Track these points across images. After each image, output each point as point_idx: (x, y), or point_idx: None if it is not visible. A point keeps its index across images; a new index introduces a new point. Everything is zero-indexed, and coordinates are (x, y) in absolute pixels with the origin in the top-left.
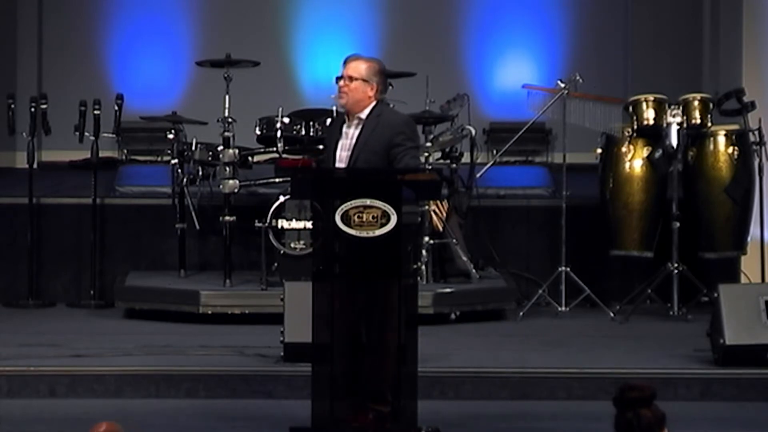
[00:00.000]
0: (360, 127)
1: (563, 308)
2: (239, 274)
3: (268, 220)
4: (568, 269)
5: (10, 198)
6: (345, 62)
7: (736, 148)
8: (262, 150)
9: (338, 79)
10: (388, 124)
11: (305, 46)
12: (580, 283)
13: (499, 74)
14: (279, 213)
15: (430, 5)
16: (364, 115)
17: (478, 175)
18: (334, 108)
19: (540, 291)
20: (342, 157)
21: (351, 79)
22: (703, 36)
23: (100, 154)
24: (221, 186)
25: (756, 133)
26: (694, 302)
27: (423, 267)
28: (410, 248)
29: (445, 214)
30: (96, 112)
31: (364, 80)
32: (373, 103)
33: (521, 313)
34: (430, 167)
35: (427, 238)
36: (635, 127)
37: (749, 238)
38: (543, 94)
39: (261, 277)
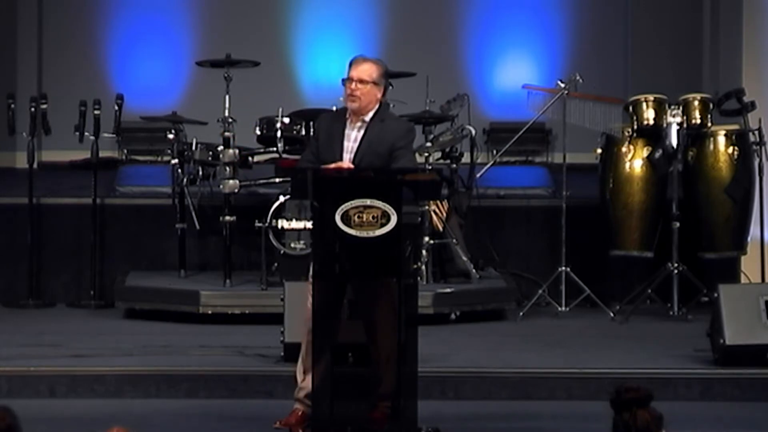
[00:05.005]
0: (363, 129)
1: (563, 308)
2: (239, 274)
3: (268, 220)
4: (568, 269)
5: (10, 198)
6: (352, 64)
7: (736, 148)
8: (262, 150)
9: (345, 81)
10: (392, 128)
11: (305, 46)
12: (580, 283)
13: (499, 74)
14: (279, 213)
15: (430, 5)
16: (367, 117)
17: (478, 175)
18: (335, 108)
19: (540, 291)
20: (344, 159)
21: (363, 82)
22: (703, 36)
23: (100, 154)
24: (221, 186)
25: (756, 133)
26: (694, 302)
27: (423, 267)
28: (410, 248)
29: (445, 214)
30: (96, 112)
31: (374, 83)
32: (377, 106)
33: (521, 313)
34: (430, 167)
35: (427, 238)
36: (635, 127)
37: (749, 238)
38: (543, 94)
39: (261, 277)
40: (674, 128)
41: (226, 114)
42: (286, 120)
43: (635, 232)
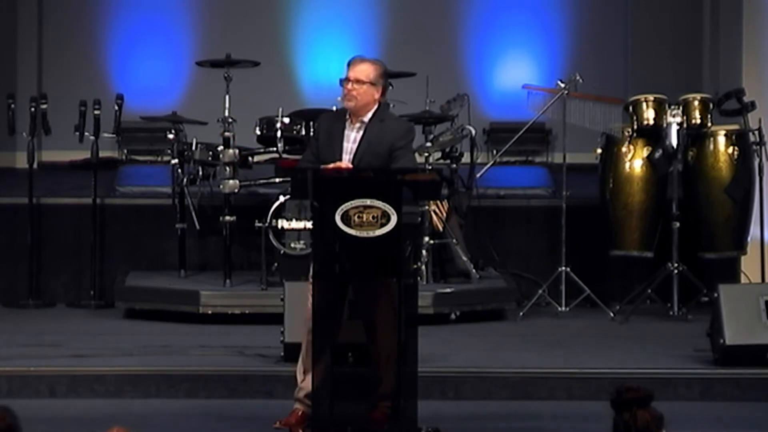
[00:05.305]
0: (362, 130)
1: (563, 308)
2: (239, 274)
3: (268, 220)
4: (568, 269)
5: (10, 198)
6: (350, 64)
7: (736, 148)
8: (262, 150)
9: (343, 81)
10: (391, 128)
11: (305, 46)
12: (580, 283)
13: (499, 74)
14: (279, 213)
15: (430, 5)
16: (366, 118)
17: (478, 175)
18: (335, 108)
19: (540, 291)
20: (344, 159)
21: (359, 82)
22: (703, 36)
23: (100, 154)
24: (221, 186)
25: (756, 133)
26: (694, 302)
27: (423, 267)
28: (410, 248)
29: (445, 214)
30: (96, 112)
31: (371, 84)
32: (376, 106)
33: (521, 313)
34: (430, 167)
35: (427, 238)
36: (635, 127)
37: (749, 238)
38: (543, 94)
39: (261, 277)
40: (674, 128)
41: (226, 114)
42: (286, 120)
43: (635, 232)
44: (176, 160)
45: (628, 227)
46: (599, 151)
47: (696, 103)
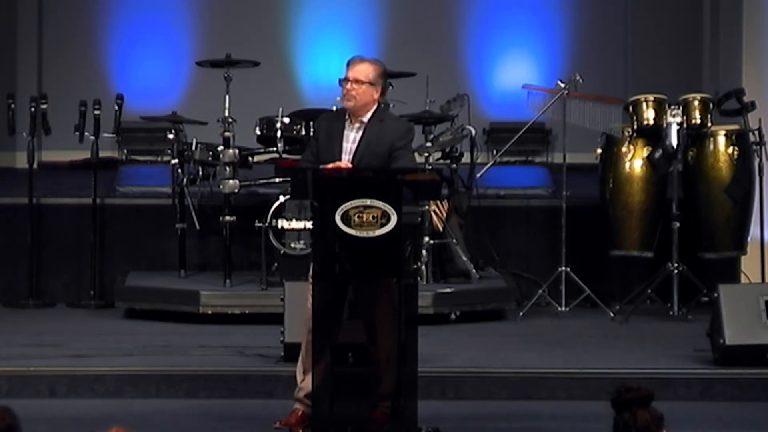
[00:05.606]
0: (362, 130)
1: (563, 308)
2: (239, 274)
3: (268, 220)
4: (568, 269)
5: (10, 198)
6: (349, 64)
7: (736, 148)
8: (262, 150)
9: (342, 81)
10: (391, 128)
11: (305, 46)
12: (580, 283)
13: (499, 74)
14: (279, 213)
15: (430, 5)
16: (366, 118)
17: (478, 175)
18: (335, 108)
19: (540, 291)
20: (343, 160)
21: (358, 82)
22: (703, 36)
23: (100, 154)
24: (221, 186)
25: (756, 133)
26: (694, 302)
27: (423, 267)
28: (410, 248)
29: (445, 214)
30: (96, 112)
31: (371, 83)
32: (375, 106)
33: (521, 313)
34: (430, 167)
35: (427, 238)
36: (635, 127)
37: (749, 238)
38: (543, 94)
39: (261, 277)
40: (674, 128)
41: (226, 114)
42: (286, 120)
43: (635, 232)
44: (176, 160)
45: (628, 227)
46: (599, 151)
47: (696, 103)
